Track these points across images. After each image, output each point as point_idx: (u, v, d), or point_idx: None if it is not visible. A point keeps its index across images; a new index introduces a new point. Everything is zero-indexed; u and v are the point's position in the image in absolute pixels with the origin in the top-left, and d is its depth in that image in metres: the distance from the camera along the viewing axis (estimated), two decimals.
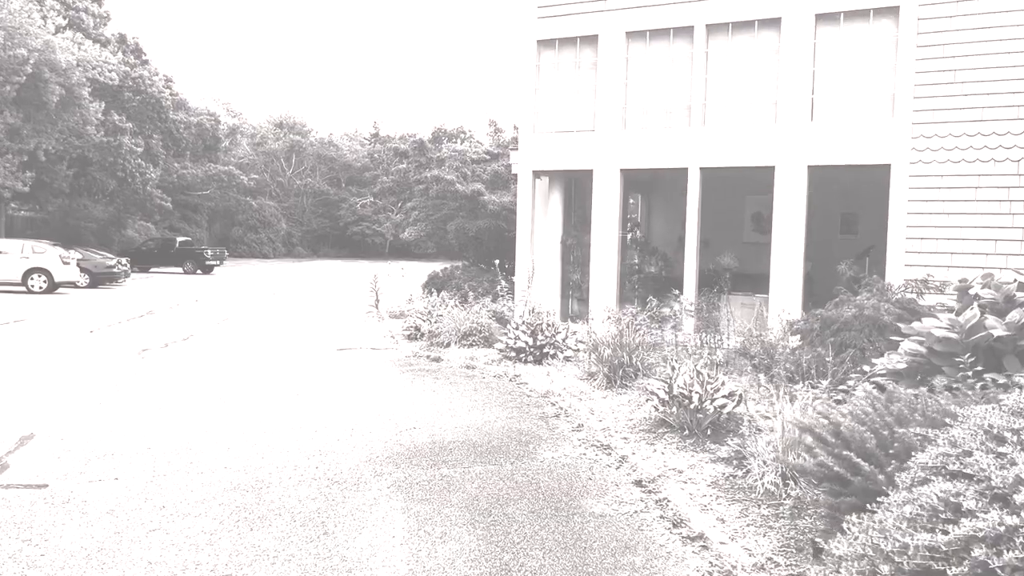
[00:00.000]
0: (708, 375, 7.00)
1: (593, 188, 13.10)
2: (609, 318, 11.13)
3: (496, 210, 19.39)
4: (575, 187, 15.11)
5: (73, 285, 25.55)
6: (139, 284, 29.28)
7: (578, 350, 10.74)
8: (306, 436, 7.06)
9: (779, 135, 11.68)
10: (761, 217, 16.69)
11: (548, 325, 10.82)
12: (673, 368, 7.14)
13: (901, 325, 7.62)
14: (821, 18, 11.34)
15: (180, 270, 37.64)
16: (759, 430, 6.95)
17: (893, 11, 10.85)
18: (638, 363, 8.91)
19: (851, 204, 15.22)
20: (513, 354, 10.71)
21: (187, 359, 11.30)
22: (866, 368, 6.44)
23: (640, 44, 12.70)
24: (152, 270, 37.74)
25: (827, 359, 7.23)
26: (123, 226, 42.49)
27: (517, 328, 10.87)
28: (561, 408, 8.19)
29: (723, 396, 6.90)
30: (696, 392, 6.85)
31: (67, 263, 24.44)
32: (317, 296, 24.83)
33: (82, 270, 25.90)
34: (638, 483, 5.84)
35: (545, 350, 10.63)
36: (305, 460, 6.33)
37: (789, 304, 11.27)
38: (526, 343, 10.62)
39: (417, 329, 13.11)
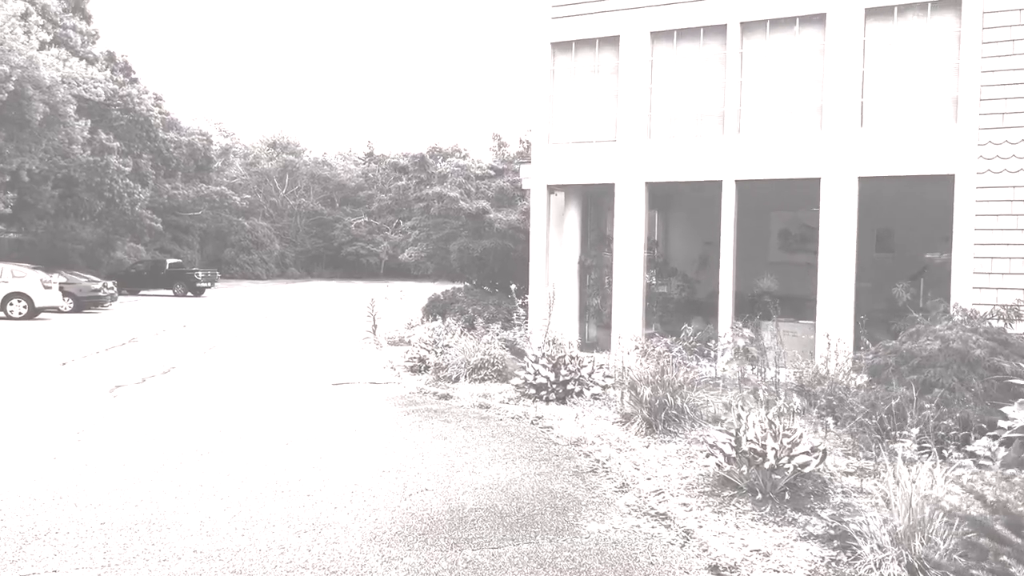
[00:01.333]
0: (785, 427, 5.78)
1: (615, 204, 11.90)
2: (637, 347, 9.94)
3: (503, 229, 18.16)
4: (592, 203, 13.93)
5: (56, 310, 24.29)
6: (126, 308, 27.99)
7: (606, 386, 9.50)
8: (297, 502, 5.82)
9: (825, 143, 10.51)
10: (789, 235, 15.53)
11: (572, 358, 9.58)
12: (739, 416, 5.93)
13: (1002, 362, 6.45)
14: (871, 13, 10.20)
15: (170, 293, 36.77)
16: (844, 492, 5.77)
17: (955, 3, 9.72)
18: (683, 404, 7.67)
19: (887, 219, 14.06)
20: (532, 391, 9.46)
21: (164, 398, 10.05)
22: (995, 422, 5.24)
23: (666, 45, 11.54)
24: (142, 293, 36.80)
25: (925, 405, 6.02)
26: (112, 248, 41.22)
27: (536, 361, 9.63)
28: (598, 460, 6.96)
29: (803, 452, 5.69)
30: (771, 447, 5.64)
31: (49, 287, 23.18)
32: (311, 320, 23.61)
33: (66, 294, 24.72)
34: (714, 570, 4.63)
35: (569, 386, 9.37)
36: (295, 539, 5.09)
37: (840, 332, 10.07)
38: (547, 379, 9.38)
39: (421, 361, 11.86)
